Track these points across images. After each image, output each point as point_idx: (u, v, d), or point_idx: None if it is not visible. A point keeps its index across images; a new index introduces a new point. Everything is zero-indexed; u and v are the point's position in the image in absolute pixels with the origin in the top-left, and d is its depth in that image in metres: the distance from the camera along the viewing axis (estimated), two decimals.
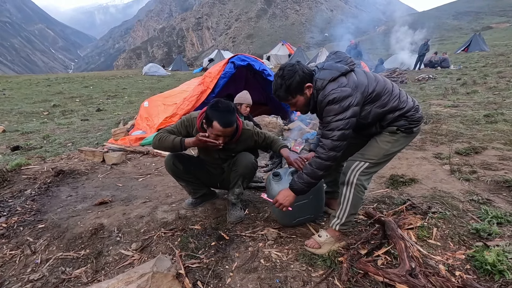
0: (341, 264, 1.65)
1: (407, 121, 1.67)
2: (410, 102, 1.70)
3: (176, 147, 1.97)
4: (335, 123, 1.55)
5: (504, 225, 1.90)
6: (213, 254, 1.84)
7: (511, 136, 3.70)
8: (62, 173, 3.21)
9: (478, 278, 1.53)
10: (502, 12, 62.83)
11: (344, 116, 1.54)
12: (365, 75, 1.65)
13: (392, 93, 1.66)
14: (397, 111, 1.66)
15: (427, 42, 14.94)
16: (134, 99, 10.41)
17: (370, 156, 1.70)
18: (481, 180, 2.57)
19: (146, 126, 4.90)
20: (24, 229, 2.20)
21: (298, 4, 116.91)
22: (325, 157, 1.61)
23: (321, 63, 1.69)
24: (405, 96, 1.70)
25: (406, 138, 1.74)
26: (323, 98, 1.57)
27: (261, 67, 4.89)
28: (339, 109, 1.53)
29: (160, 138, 2.01)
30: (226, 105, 1.85)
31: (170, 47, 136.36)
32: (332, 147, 1.58)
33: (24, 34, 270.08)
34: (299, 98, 1.65)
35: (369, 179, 1.75)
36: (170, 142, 1.97)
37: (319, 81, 1.60)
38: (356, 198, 1.71)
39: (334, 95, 1.53)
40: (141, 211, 2.34)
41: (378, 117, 1.68)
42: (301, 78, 1.59)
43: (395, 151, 1.74)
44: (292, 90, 1.61)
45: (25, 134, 5.70)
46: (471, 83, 8.41)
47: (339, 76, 1.58)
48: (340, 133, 1.56)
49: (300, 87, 1.61)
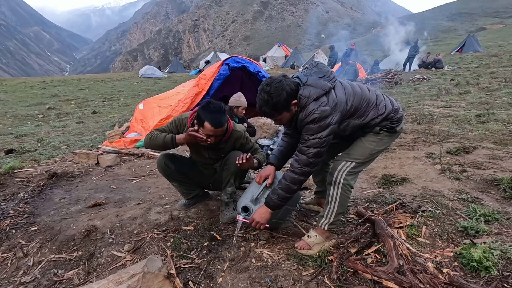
0: (331, 263, 1.67)
1: (389, 121, 1.73)
2: (389, 105, 1.74)
3: (167, 144, 1.99)
4: (312, 141, 1.58)
5: (491, 222, 1.94)
6: (205, 254, 1.85)
7: (501, 135, 3.76)
8: (56, 176, 3.21)
9: (465, 275, 1.56)
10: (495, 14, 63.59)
11: (321, 135, 1.57)
12: (343, 90, 1.65)
13: (369, 103, 1.69)
14: (377, 117, 1.70)
15: (416, 43, 15.09)
16: (130, 102, 10.40)
17: (357, 156, 1.73)
18: (470, 179, 2.61)
19: (141, 128, 4.90)
20: (16, 232, 2.19)
21: (294, 6, 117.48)
22: (300, 172, 1.65)
23: (303, 75, 1.67)
24: (383, 101, 1.73)
25: (390, 137, 1.78)
26: (304, 118, 1.58)
27: (256, 68, 4.92)
28: (318, 128, 1.56)
29: (151, 136, 2.03)
30: (217, 105, 1.89)
31: (166, 49, 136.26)
32: (307, 163, 1.63)
33: (19, 36, 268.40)
34: (285, 114, 1.63)
35: (355, 178, 1.79)
36: (161, 140, 1.99)
37: (303, 99, 1.59)
38: (343, 198, 1.74)
39: (314, 116, 1.54)
40: (134, 212, 2.35)
41: (357, 128, 1.72)
42: (288, 96, 1.57)
43: (380, 150, 1.79)
44: (279, 107, 1.58)
45: (20, 137, 5.68)
46: (464, 84, 8.50)
47: (322, 95, 1.58)
48: (315, 150, 1.59)
49: (286, 104, 1.59)
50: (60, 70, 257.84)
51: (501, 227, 1.89)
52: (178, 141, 1.98)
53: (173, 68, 27.49)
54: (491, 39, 31.85)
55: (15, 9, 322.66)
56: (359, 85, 1.77)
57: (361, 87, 1.74)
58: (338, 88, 1.65)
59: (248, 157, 1.92)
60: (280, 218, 1.96)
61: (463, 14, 68.46)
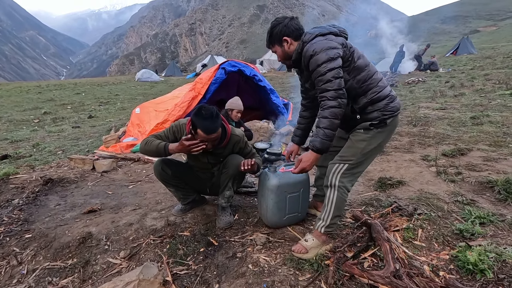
0: (327, 267, 1.67)
1: (380, 112, 1.67)
2: (387, 90, 1.71)
3: (159, 152, 1.99)
4: (329, 73, 1.52)
5: (486, 225, 1.95)
6: (201, 260, 1.84)
7: (495, 137, 3.79)
8: (51, 182, 3.18)
9: (461, 278, 1.56)
10: (488, 16, 64.48)
11: (333, 65, 1.52)
12: (356, 47, 1.71)
13: (372, 75, 1.68)
14: (371, 93, 1.66)
15: (402, 48, 14.96)
16: (126, 106, 10.37)
17: (348, 157, 1.72)
18: (466, 181, 2.62)
19: (138, 133, 4.88)
20: (10, 239, 2.17)
21: (290, 9, 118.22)
22: (336, 103, 1.53)
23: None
24: (383, 83, 1.71)
25: (382, 133, 1.71)
26: (307, 49, 1.60)
27: (252, 72, 4.94)
28: (326, 57, 1.53)
29: (146, 142, 2.03)
30: (209, 111, 1.86)
31: (163, 53, 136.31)
32: (336, 95, 1.53)
33: (15, 41, 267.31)
34: (277, 48, 1.74)
35: (353, 181, 1.78)
36: (154, 147, 1.98)
37: (307, 35, 1.66)
38: (340, 200, 1.73)
39: (318, 45, 1.56)
40: (130, 218, 2.33)
41: (352, 94, 1.67)
42: (281, 31, 1.68)
43: (372, 148, 1.73)
44: (272, 39, 1.73)
45: (15, 143, 5.63)
46: (459, 86, 8.59)
47: (328, 33, 1.63)
48: (337, 81, 1.53)
49: (278, 38, 1.70)
50: (56, 74, 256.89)
51: (496, 229, 1.90)
52: (171, 150, 1.97)
53: (170, 72, 27.50)
54: (485, 41, 32.25)
55: (10, 14, 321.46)
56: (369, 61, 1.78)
57: (371, 63, 1.76)
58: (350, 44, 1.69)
59: (252, 163, 1.98)
60: (289, 212, 2.08)
61: (457, 16, 69.34)
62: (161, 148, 1.97)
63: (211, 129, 1.86)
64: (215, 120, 1.87)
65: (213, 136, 1.89)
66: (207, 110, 1.86)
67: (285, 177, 2.03)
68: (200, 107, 1.90)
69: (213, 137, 1.91)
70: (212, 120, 1.86)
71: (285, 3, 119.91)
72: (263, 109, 6.06)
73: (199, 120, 1.85)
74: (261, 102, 5.96)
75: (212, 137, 1.89)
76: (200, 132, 1.86)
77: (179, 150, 1.96)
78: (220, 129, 1.94)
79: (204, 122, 1.84)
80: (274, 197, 2.00)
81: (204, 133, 1.85)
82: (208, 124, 1.85)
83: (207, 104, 1.95)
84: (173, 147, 1.97)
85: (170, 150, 1.97)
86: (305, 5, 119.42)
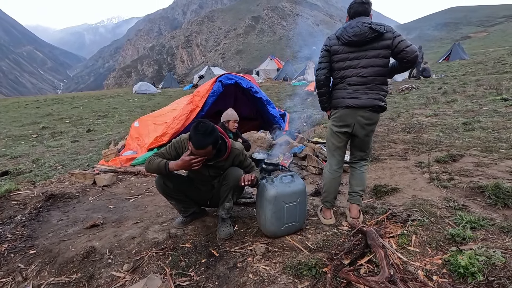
0: (325, 275, 1.73)
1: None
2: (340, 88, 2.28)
3: (160, 170, 2.05)
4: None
5: (477, 229, 2.02)
6: (203, 271, 1.89)
7: (486, 143, 3.90)
8: (53, 197, 3.23)
9: (453, 281, 1.63)
10: (479, 22, 65.92)
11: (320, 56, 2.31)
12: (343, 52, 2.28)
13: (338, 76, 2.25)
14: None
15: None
16: (124, 118, 10.45)
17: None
18: (458, 186, 2.71)
19: (137, 146, 4.95)
20: (15, 256, 2.21)
21: (284, 19, 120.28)
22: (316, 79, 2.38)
23: None
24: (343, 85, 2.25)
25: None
26: None
27: (248, 84, 5.06)
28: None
29: (149, 161, 2.10)
30: (204, 127, 1.91)
31: (160, 65, 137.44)
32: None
33: (12, 56, 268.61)
34: None
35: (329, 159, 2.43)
36: (156, 165, 2.06)
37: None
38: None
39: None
40: (132, 232, 2.39)
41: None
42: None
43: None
44: None
45: (14, 159, 5.66)
46: (451, 92, 8.77)
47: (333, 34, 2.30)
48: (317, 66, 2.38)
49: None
50: (53, 88, 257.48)
51: (486, 233, 1.97)
52: (171, 168, 2.02)
53: (167, 83, 27.72)
54: (476, 46, 32.95)
55: (8, 29, 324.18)
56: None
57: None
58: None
59: (252, 178, 2.08)
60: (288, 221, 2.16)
61: (448, 23, 70.84)
62: (161, 167, 2.04)
63: (200, 144, 1.91)
64: (207, 137, 1.90)
65: (200, 152, 1.94)
66: (203, 126, 1.92)
67: (283, 188, 2.11)
68: (199, 122, 1.96)
69: (201, 153, 1.95)
70: (203, 136, 1.90)
71: (279, 14, 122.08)
72: (260, 119, 6.17)
73: (193, 133, 1.92)
74: (258, 112, 6.08)
75: (199, 152, 1.94)
76: (191, 146, 1.94)
77: (179, 166, 2.01)
78: (210, 147, 1.94)
79: (196, 137, 1.90)
80: (272, 208, 2.07)
81: (193, 147, 1.93)
82: (198, 138, 1.90)
83: (207, 120, 2.01)
84: (173, 164, 2.02)
85: (170, 169, 2.03)
86: (299, 15, 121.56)
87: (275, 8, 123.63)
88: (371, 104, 2.10)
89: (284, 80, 22.68)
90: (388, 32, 2.00)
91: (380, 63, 2.07)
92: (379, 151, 4.08)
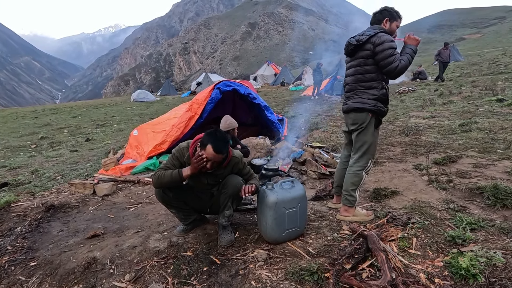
0: (327, 280, 1.73)
1: None
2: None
3: (175, 179, 2.10)
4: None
5: (477, 230, 2.03)
6: (205, 279, 1.89)
7: (484, 143, 3.93)
8: (53, 208, 3.22)
9: (455, 284, 1.63)
10: (472, 24, 66.75)
11: None
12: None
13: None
14: None
15: (319, 67, 13.62)
16: (123, 127, 10.47)
17: None
18: (456, 188, 2.73)
19: (136, 154, 4.96)
20: (15, 268, 2.20)
21: (280, 25, 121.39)
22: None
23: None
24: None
25: None
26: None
27: (246, 91, 5.09)
28: None
29: (158, 176, 2.13)
30: (223, 135, 2.06)
31: (158, 72, 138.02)
32: None
33: (10, 67, 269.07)
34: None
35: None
36: (169, 177, 2.10)
37: None
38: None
39: None
40: (133, 241, 2.38)
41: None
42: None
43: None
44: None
45: (13, 170, 5.65)
46: (448, 94, 8.85)
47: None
48: None
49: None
50: (51, 98, 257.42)
51: (486, 234, 1.99)
52: (185, 174, 2.09)
53: (165, 91, 27.84)
54: (471, 48, 33.31)
55: (5, 41, 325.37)
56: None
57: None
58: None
59: (253, 189, 2.12)
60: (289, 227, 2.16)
61: (442, 26, 71.67)
62: (176, 176, 2.09)
63: (220, 149, 2.01)
64: (226, 144, 2.04)
65: (219, 156, 2.03)
66: (222, 134, 2.06)
67: (283, 194, 2.12)
68: (216, 130, 2.08)
69: (218, 158, 2.04)
70: (224, 143, 2.03)
71: (275, 20, 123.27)
72: (259, 124, 6.20)
73: (212, 138, 2.00)
74: (257, 118, 6.10)
75: (218, 156, 2.03)
76: (209, 149, 1.99)
77: (193, 170, 2.08)
78: (224, 155, 2.08)
79: (217, 142, 2.00)
80: (273, 214, 2.08)
81: (213, 151, 1.99)
82: (220, 144, 2.01)
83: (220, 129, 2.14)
84: (186, 170, 2.09)
85: (184, 174, 2.09)
86: (295, 20, 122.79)
87: (271, 14, 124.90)
88: (351, 107, 2.36)
89: (281, 85, 22.82)
90: (368, 43, 2.21)
91: (362, 71, 2.30)
92: (378, 154, 4.11)
